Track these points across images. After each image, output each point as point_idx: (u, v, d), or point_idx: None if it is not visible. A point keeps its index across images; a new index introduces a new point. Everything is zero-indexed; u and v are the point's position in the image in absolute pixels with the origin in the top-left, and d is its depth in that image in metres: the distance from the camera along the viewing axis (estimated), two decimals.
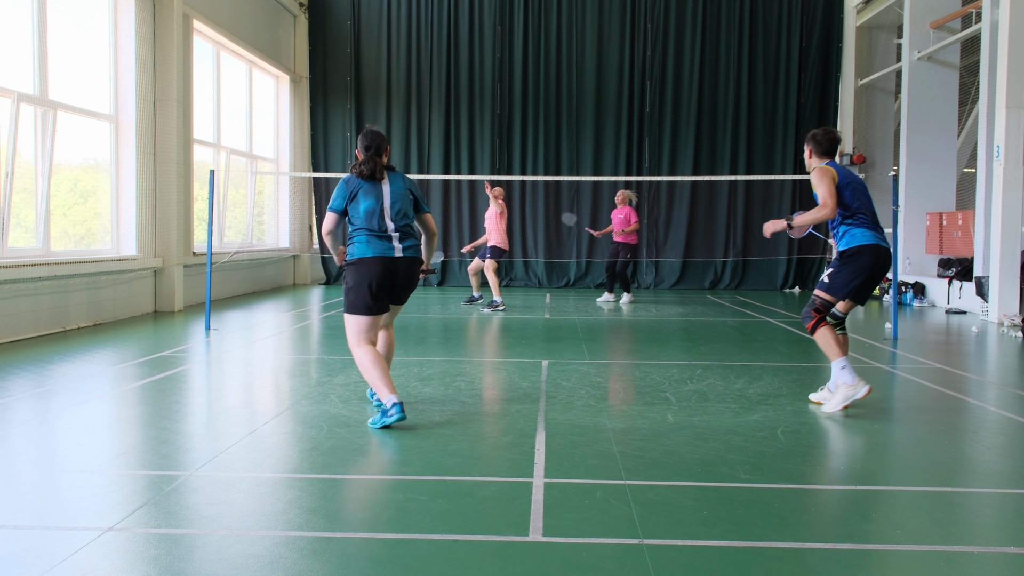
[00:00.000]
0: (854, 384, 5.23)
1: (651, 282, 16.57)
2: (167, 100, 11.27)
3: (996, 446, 4.78)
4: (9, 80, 8.78)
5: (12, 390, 6.01)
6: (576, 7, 16.48)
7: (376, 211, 5.15)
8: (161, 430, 4.88)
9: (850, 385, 5.23)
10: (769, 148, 16.49)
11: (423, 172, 16.53)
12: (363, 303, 5.12)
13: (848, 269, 5.33)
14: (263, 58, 14.96)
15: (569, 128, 16.58)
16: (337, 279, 16.80)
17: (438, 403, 5.66)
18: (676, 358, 7.79)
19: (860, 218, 5.38)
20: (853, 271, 5.32)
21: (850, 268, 5.32)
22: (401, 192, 5.26)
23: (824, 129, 5.63)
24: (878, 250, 5.33)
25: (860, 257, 5.31)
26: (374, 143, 5.26)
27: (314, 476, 4.07)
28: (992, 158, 11.35)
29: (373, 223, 5.15)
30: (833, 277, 5.38)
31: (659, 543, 3.21)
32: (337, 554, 3.11)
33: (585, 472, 4.11)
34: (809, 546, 3.27)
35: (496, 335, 9.64)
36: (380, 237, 5.15)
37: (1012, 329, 9.78)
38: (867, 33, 16.32)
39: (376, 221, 5.15)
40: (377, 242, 5.14)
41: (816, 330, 5.36)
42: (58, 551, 3.11)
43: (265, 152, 16.11)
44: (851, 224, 5.37)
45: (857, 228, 5.36)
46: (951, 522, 3.57)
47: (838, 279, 5.36)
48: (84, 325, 9.57)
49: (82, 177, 10.77)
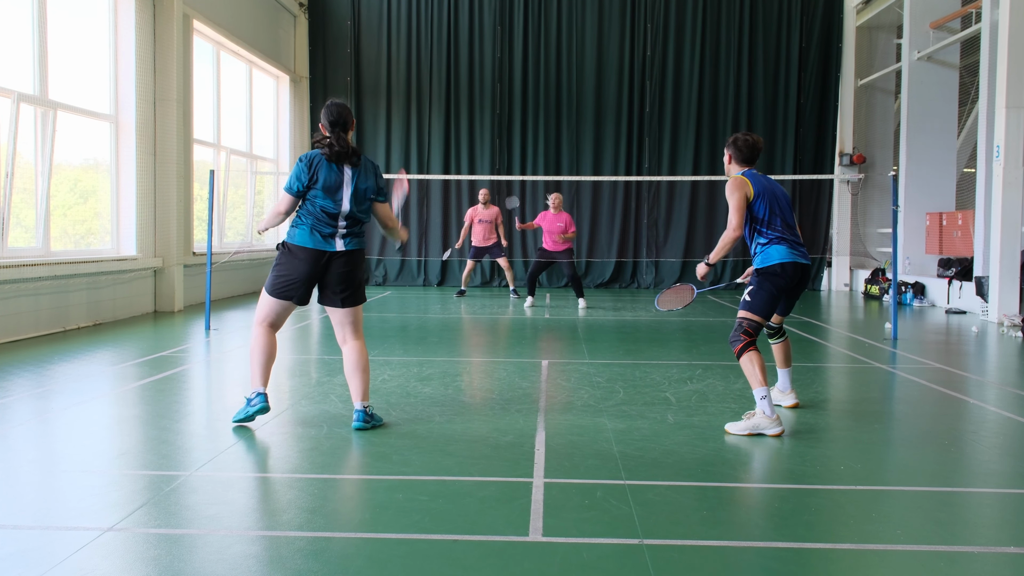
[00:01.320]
0: (771, 419, 4.83)
1: (651, 282, 16.57)
2: (167, 100, 11.27)
3: (996, 446, 4.78)
4: (9, 80, 8.78)
5: (12, 390, 6.01)
6: (576, 7, 16.48)
7: (331, 200, 4.79)
8: (161, 430, 4.88)
9: (768, 418, 4.84)
10: (769, 148, 16.48)
11: (423, 172, 16.54)
12: (283, 289, 4.86)
13: (767, 287, 5.07)
14: (263, 58, 14.96)
15: (569, 128, 16.58)
16: None
17: (438, 403, 5.65)
18: (676, 358, 7.79)
19: (771, 233, 5.12)
20: (773, 290, 5.06)
21: (769, 286, 5.06)
22: (366, 189, 4.90)
23: (746, 134, 5.33)
24: (795, 267, 5.09)
25: (777, 277, 5.07)
26: (340, 117, 4.86)
27: (314, 476, 4.07)
28: (992, 158, 11.35)
29: (323, 211, 4.79)
30: (754, 296, 5.09)
31: (659, 543, 3.21)
32: (337, 554, 3.11)
33: (585, 472, 4.11)
34: (809, 546, 3.27)
35: (496, 335, 9.64)
36: (326, 228, 4.80)
37: (1012, 329, 9.77)
38: (867, 33, 16.33)
39: (327, 210, 4.79)
40: (320, 233, 4.80)
41: (743, 354, 4.98)
42: (58, 551, 3.10)
43: (265, 152, 16.11)
44: (765, 242, 5.13)
45: (772, 246, 5.11)
46: (951, 522, 3.56)
47: (759, 298, 5.07)
48: (84, 325, 9.56)
49: (82, 177, 10.77)
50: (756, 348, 5.01)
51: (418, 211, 16.74)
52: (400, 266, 16.80)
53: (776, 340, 5.63)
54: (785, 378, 5.67)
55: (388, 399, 5.75)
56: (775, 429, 4.82)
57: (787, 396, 5.65)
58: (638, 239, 16.69)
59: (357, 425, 4.91)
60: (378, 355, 7.70)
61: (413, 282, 16.69)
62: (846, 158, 16.11)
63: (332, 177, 4.81)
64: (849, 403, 5.94)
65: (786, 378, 5.67)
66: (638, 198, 16.68)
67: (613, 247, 16.62)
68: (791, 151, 16.48)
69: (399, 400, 5.73)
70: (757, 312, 5.06)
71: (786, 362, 5.65)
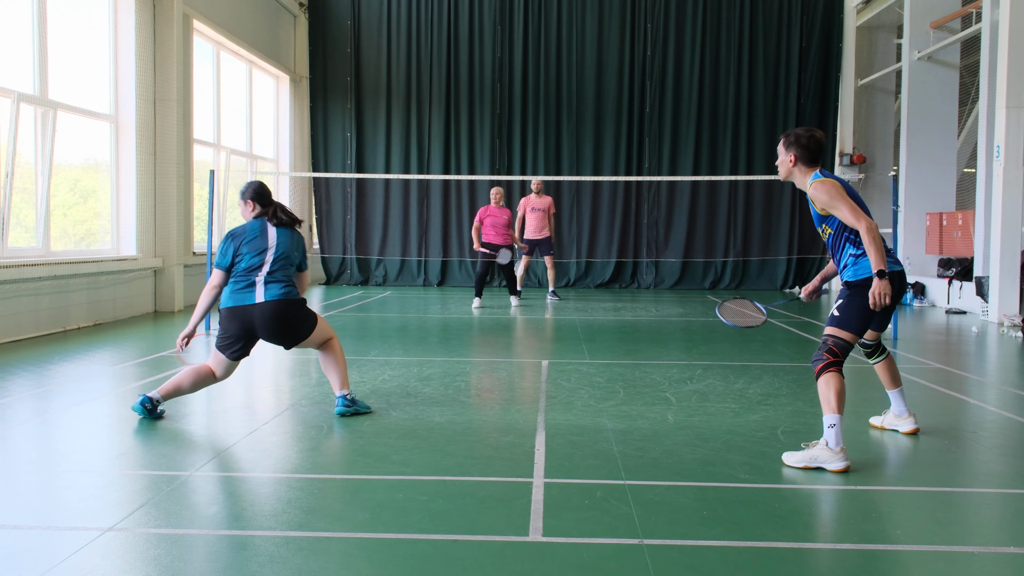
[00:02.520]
0: (834, 452, 4.22)
1: (651, 282, 16.57)
2: (167, 100, 11.27)
3: (996, 446, 4.78)
4: (9, 80, 8.78)
5: (12, 390, 6.02)
6: (576, 7, 16.48)
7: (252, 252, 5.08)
8: (161, 430, 4.88)
9: (831, 451, 4.22)
10: (769, 148, 16.49)
11: (423, 172, 16.54)
12: (224, 347, 5.14)
13: (859, 301, 4.41)
14: (263, 58, 14.96)
15: (569, 128, 16.58)
16: (337, 279, 16.83)
17: (438, 403, 5.65)
18: (676, 358, 7.79)
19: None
20: (867, 304, 4.37)
21: (862, 300, 4.40)
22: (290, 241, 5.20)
23: (808, 130, 4.55)
24: (896, 276, 4.47)
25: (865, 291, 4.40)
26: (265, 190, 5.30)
27: (314, 476, 4.07)
28: (992, 158, 11.35)
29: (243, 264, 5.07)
30: (843, 310, 4.44)
31: (659, 543, 3.21)
32: (337, 554, 3.11)
33: (585, 472, 4.11)
34: (809, 546, 3.27)
35: (496, 335, 9.64)
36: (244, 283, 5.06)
37: (1012, 329, 9.77)
38: (867, 33, 16.32)
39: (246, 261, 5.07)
40: (239, 291, 5.06)
41: (822, 375, 4.35)
42: (58, 551, 3.10)
43: (265, 152, 16.11)
44: (859, 252, 4.45)
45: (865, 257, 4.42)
46: (951, 522, 3.57)
47: (849, 312, 4.42)
48: (84, 325, 9.57)
49: (82, 177, 10.77)
50: (839, 371, 4.36)
51: (418, 211, 16.74)
52: (400, 266, 16.80)
53: (877, 359, 5.01)
54: (899, 400, 5.00)
55: (388, 399, 5.75)
56: (838, 464, 4.19)
57: (904, 421, 4.98)
58: (638, 239, 16.69)
59: (339, 411, 5.21)
60: (378, 355, 7.71)
61: (413, 282, 16.69)
62: (846, 158, 16.11)
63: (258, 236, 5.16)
64: (849, 403, 5.92)
65: (900, 400, 5.00)
66: (638, 198, 16.68)
67: (613, 247, 16.62)
68: None
69: (399, 400, 5.73)
70: (848, 328, 4.41)
71: (894, 381, 4.98)
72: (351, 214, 16.78)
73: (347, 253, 16.81)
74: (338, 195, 16.83)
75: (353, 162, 16.69)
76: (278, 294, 5.05)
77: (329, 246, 16.87)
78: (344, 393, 5.27)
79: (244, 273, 5.05)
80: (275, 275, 5.08)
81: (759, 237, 16.58)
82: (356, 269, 16.77)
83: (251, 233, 5.15)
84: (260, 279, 5.05)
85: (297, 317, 5.15)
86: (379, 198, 16.76)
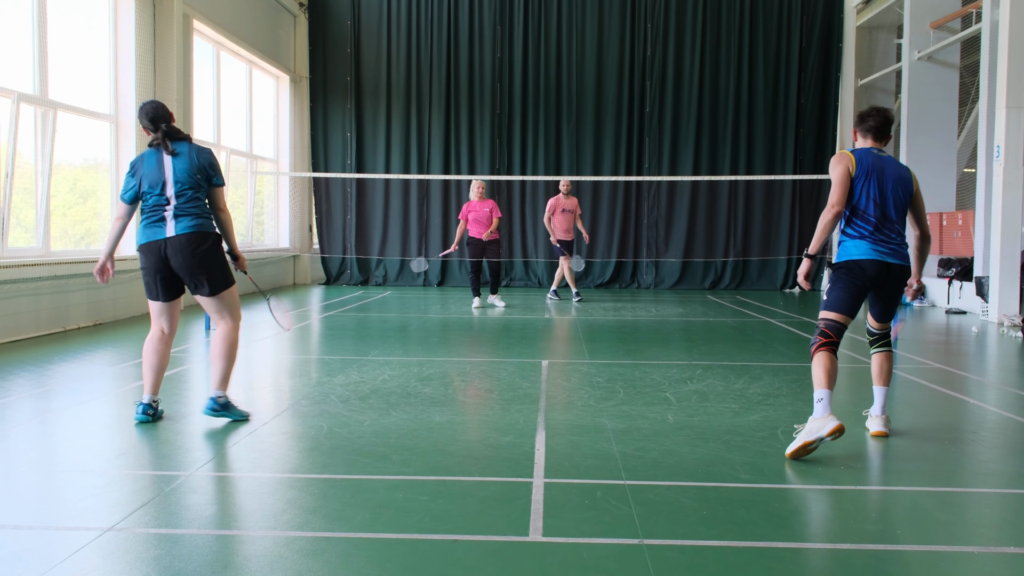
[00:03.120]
0: (823, 418, 4.28)
1: (651, 282, 16.58)
2: (167, 100, 11.26)
3: (996, 446, 4.78)
4: (9, 80, 8.78)
5: (12, 390, 6.02)
6: (576, 7, 16.48)
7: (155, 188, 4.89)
8: (161, 430, 4.88)
9: (818, 418, 4.30)
10: (769, 148, 16.50)
11: (423, 172, 16.55)
12: (147, 289, 5.04)
13: (842, 283, 4.58)
14: (263, 58, 14.96)
15: (569, 128, 16.58)
16: (337, 279, 16.82)
17: (438, 403, 5.65)
18: (676, 358, 7.79)
19: (857, 225, 4.60)
20: (849, 285, 4.56)
21: (843, 282, 4.58)
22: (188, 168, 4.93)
23: (873, 107, 4.76)
24: (875, 265, 4.56)
25: (852, 274, 4.58)
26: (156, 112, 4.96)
27: (314, 476, 4.07)
28: (992, 158, 11.35)
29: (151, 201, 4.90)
30: (828, 293, 4.64)
31: (659, 543, 3.21)
32: (337, 554, 3.11)
33: (585, 472, 4.11)
34: (809, 546, 3.27)
35: (496, 335, 9.64)
36: (154, 217, 4.90)
37: (1012, 329, 9.77)
38: (867, 33, 16.32)
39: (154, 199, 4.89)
40: (150, 225, 4.91)
41: (815, 354, 4.50)
42: (58, 551, 3.10)
43: (265, 152, 16.12)
44: (847, 232, 4.64)
45: (851, 239, 4.62)
46: (951, 522, 3.56)
47: (832, 294, 4.60)
48: (84, 325, 9.57)
49: (82, 177, 10.77)
50: (831, 351, 4.46)
51: (418, 211, 16.75)
52: (400, 266, 16.80)
53: (877, 349, 4.98)
54: (879, 398, 4.95)
55: (388, 399, 5.75)
56: (829, 426, 4.21)
57: (875, 421, 4.93)
58: (638, 239, 16.70)
59: (206, 412, 5.01)
60: (378, 355, 7.71)
61: (413, 282, 16.69)
62: None
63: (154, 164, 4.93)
64: (849, 404, 5.93)
65: (880, 399, 4.94)
66: (638, 198, 16.69)
67: (613, 247, 16.63)
68: (791, 151, 16.48)
69: (399, 400, 5.73)
70: (833, 309, 4.55)
71: (881, 378, 4.93)
72: (351, 214, 16.78)
73: (347, 253, 16.81)
74: (338, 195, 16.84)
75: (353, 162, 16.69)
76: (188, 226, 4.90)
77: (329, 246, 16.87)
78: (219, 395, 5.01)
79: (152, 208, 4.93)
80: (184, 207, 4.91)
81: (759, 237, 16.58)
82: (356, 269, 16.77)
83: (148, 166, 4.94)
84: (169, 214, 4.91)
85: (209, 253, 4.96)
86: (379, 198, 16.77)
